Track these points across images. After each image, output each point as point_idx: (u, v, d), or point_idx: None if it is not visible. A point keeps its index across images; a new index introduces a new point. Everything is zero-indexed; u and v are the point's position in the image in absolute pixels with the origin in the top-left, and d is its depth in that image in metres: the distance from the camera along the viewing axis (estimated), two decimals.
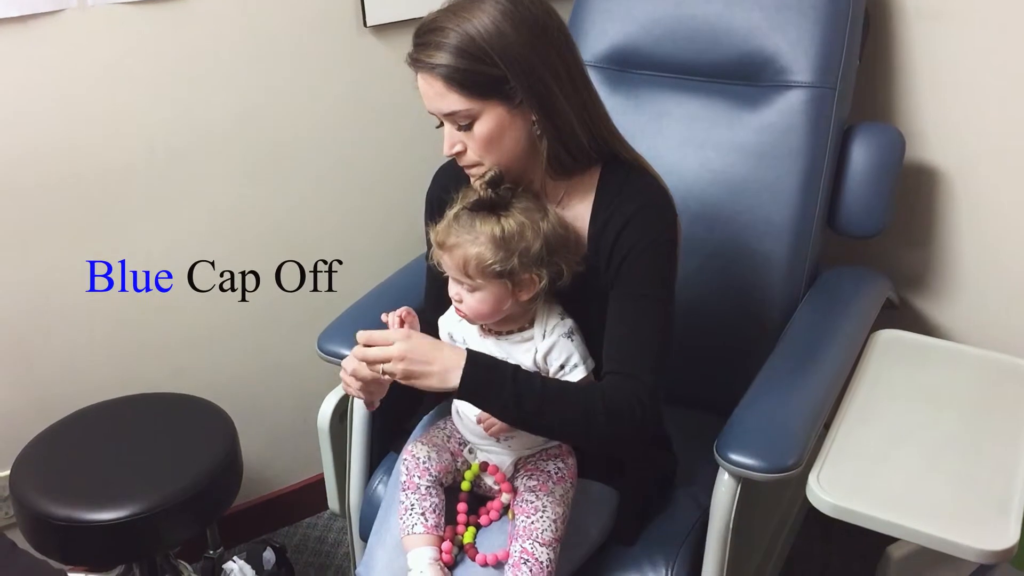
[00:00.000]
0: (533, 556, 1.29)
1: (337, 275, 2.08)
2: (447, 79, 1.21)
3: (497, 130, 1.24)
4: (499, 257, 1.23)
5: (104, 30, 1.69)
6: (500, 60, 1.20)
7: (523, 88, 1.22)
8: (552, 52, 1.24)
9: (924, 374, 1.61)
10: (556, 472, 1.37)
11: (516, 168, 1.30)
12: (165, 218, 1.86)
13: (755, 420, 1.42)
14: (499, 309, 1.29)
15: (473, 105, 1.22)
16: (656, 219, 1.31)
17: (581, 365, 1.31)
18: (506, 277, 1.25)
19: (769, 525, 1.78)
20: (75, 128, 1.73)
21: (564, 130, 1.27)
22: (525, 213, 1.26)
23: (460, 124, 1.25)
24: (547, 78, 1.23)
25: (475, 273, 1.25)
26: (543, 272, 1.26)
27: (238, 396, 2.00)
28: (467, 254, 1.25)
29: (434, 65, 1.21)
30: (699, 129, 1.76)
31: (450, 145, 1.28)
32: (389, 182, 2.09)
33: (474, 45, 1.19)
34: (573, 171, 1.32)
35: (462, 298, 1.30)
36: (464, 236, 1.25)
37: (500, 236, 1.24)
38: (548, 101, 1.24)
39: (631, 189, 1.32)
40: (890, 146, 1.75)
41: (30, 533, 1.65)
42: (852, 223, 1.76)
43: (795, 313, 1.69)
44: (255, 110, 1.89)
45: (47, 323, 1.82)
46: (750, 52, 1.72)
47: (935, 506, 1.33)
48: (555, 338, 1.31)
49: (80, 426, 1.79)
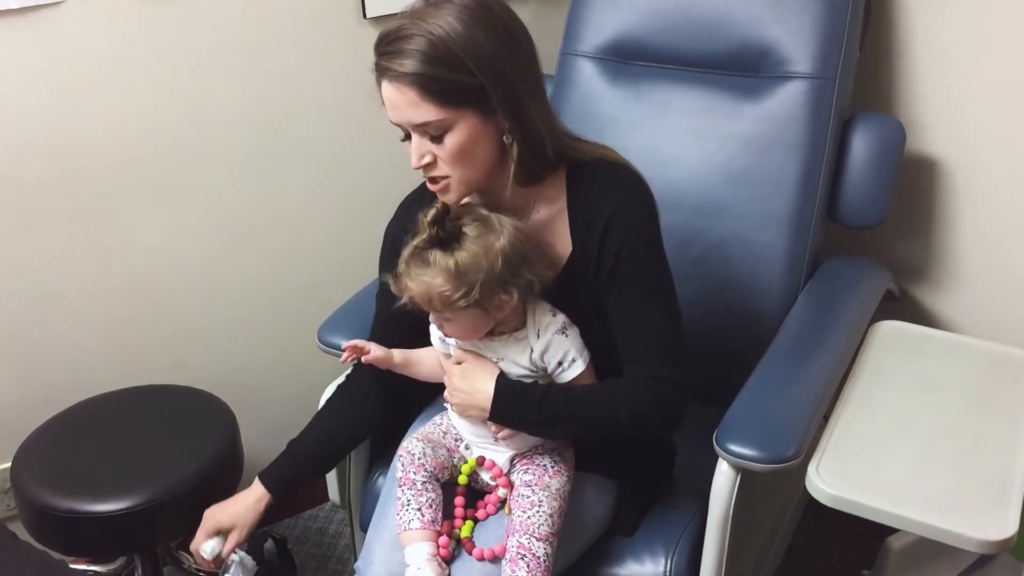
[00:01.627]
0: (530, 551, 1.28)
1: (337, 267, 2.08)
2: (421, 87, 1.17)
3: (470, 141, 1.21)
4: (461, 291, 1.22)
5: (103, 22, 1.69)
6: (475, 67, 1.16)
7: (497, 95, 1.19)
8: (520, 58, 1.22)
9: (924, 365, 1.61)
10: (552, 466, 1.37)
11: (484, 179, 1.28)
12: (165, 210, 1.87)
13: (754, 411, 1.42)
14: (480, 330, 1.30)
15: (447, 115, 1.19)
16: (636, 213, 1.30)
17: (579, 359, 1.31)
18: (475, 307, 1.24)
19: (769, 516, 1.79)
20: (75, 120, 1.73)
21: (533, 136, 1.25)
22: (478, 240, 1.23)
23: (432, 135, 1.21)
24: (518, 84, 1.21)
25: (442, 307, 1.25)
26: (511, 290, 1.25)
27: (239, 388, 2.00)
28: (430, 291, 1.23)
29: (406, 73, 1.17)
30: (699, 120, 1.75)
31: (419, 156, 1.24)
32: (389, 174, 2.08)
33: (447, 51, 1.16)
34: (541, 177, 1.30)
35: (442, 325, 1.31)
36: (423, 275, 1.23)
37: (455, 270, 1.21)
38: (520, 108, 1.22)
39: (603, 185, 1.31)
40: (890, 137, 1.74)
41: (31, 525, 1.65)
42: (852, 214, 1.76)
43: (795, 304, 1.69)
44: (256, 102, 1.89)
45: (48, 316, 1.83)
46: (750, 43, 1.72)
47: (934, 496, 1.33)
48: (549, 336, 1.31)
49: (81, 418, 1.79)
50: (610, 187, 1.31)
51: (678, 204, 1.72)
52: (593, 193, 1.31)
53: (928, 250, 1.93)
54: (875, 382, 1.57)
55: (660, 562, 1.43)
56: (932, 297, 1.95)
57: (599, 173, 1.32)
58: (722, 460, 1.37)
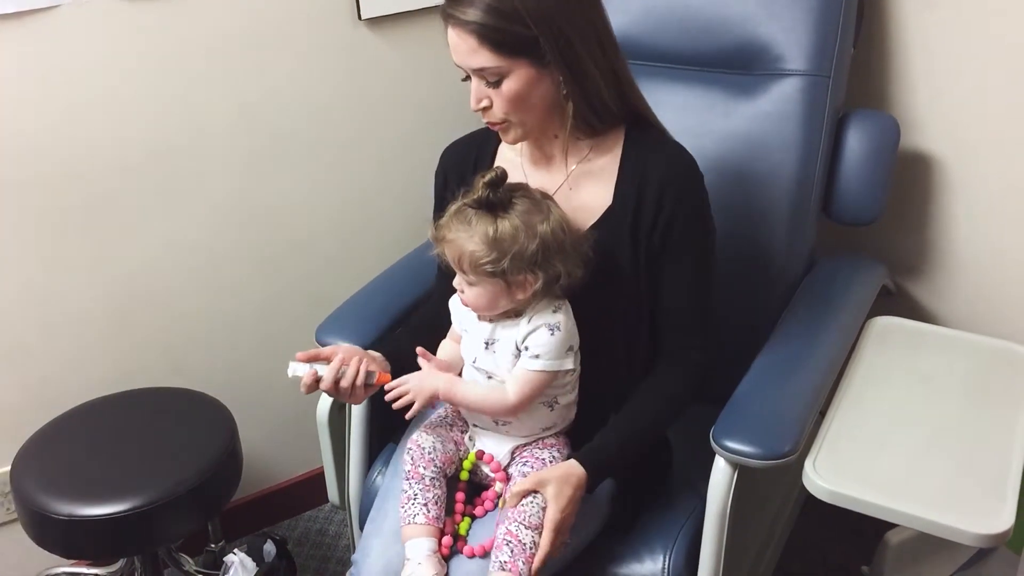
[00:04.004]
0: (516, 538, 1.29)
1: (335, 268, 2.08)
2: (479, 36, 1.23)
3: (525, 89, 1.27)
4: (492, 257, 1.25)
5: (99, 26, 1.69)
6: (531, 20, 1.22)
7: (552, 49, 1.25)
8: (581, 15, 1.27)
9: (920, 360, 1.62)
10: (551, 461, 1.37)
11: (541, 125, 1.34)
12: (162, 212, 1.87)
13: (751, 407, 1.42)
14: (495, 305, 1.31)
15: (503, 63, 1.25)
16: (693, 180, 1.38)
17: (541, 360, 1.31)
18: (499, 277, 1.27)
19: (766, 512, 1.79)
20: (72, 124, 1.73)
21: (591, 91, 1.31)
22: (524, 216, 1.27)
23: (488, 80, 1.28)
24: (575, 41, 1.26)
25: (469, 269, 1.28)
26: (539, 273, 1.28)
27: (237, 390, 2.00)
28: (462, 250, 1.27)
29: (467, 21, 1.23)
30: (694, 118, 1.76)
31: (477, 100, 1.31)
32: (386, 175, 2.10)
33: (507, 4, 1.22)
34: (599, 129, 1.36)
35: (463, 289, 1.33)
36: (461, 232, 1.27)
37: (493, 237, 1.25)
38: (576, 63, 1.27)
39: (665, 150, 1.38)
40: (885, 133, 1.75)
41: (32, 528, 1.65)
42: (848, 210, 1.77)
43: (791, 301, 1.69)
44: (251, 104, 1.89)
45: (46, 319, 1.83)
46: (744, 41, 1.72)
47: (931, 490, 1.33)
48: (535, 327, 1.32)
49: (80, 421, 1.79)
50: (673, 154, 1.38)
51: None
52: (654, 155, 1.37)
53: (923, 246, 1.93)
54: (871, 378, 1.57)
55: (658, 560, 1.44)
56: (927, 292, 1.96)
57: (662, 139, 1.39)
58: (719, 457, 1.37)
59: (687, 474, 1.55)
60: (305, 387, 1.37)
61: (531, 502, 1.31)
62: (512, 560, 1.27)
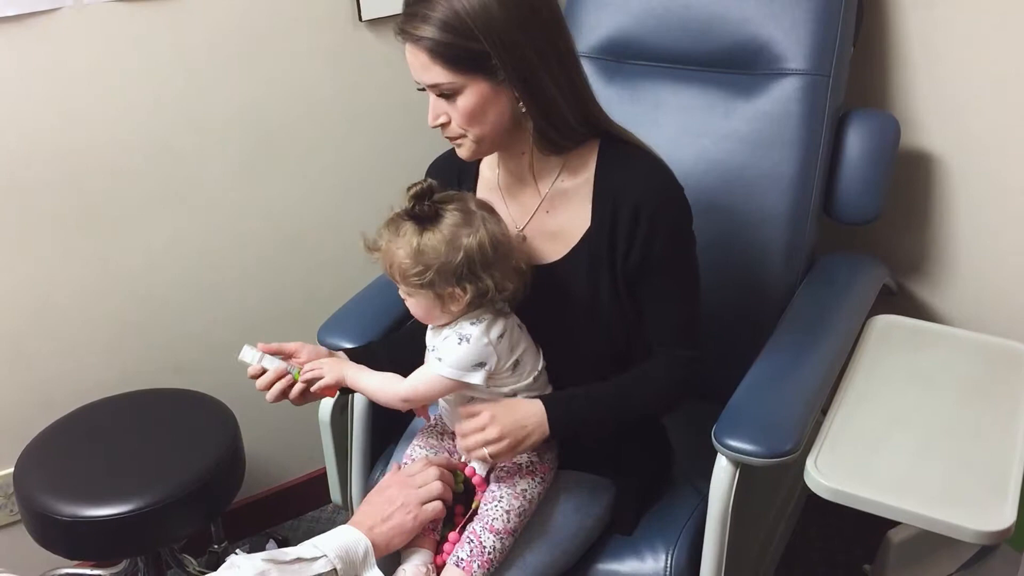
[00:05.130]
0: (478, 539, 1.30)
1: (336, 268, 2.08)
2: (432, 52, 1.22)
3: (479, 105, 1.25)
4: (417, 270, 1.25)
5: (100, 28, 1.69)
6: (483, 37, 1.20)
7: (504, 66, 1.23)
8: (540, 33, 1.24)
9: (921, 358, 1.62)
10: (527, 466, 1.37)
11: (503, 140, 1.32)
12: (164, 213, 1.87)
13: (752, 406, 1.43)
14: (431, 316, 1.32)
15: (456, 79, 1.23)
16: (674, 198, 1.35)
17: (442, 365, 1.29)
18: (428, 288, 1.27)
19: (768, 511, 1.79)
20: (72, 125, 1.73)
21: (548, 109, 1.28)
22: (451, 229, 1.26)
23: (444, 95, 1.26)
24: (532, 58, 1.23)
25: (400, 279, 1.29)
26: (466, 286, 1.27)
27: (240, 390, 1.99)
28: (392, 259, 1.28)
29: (419, 38, 1.22)
30: (694, 119, 1.76)
31: (434, 116, 1.30)
32: (386, 175, 2.10)
33: (459, 20, 1.20)
34: (563, 147, 1.34)
35: (404, 297, 1.33)
36: (391, 242, 1.28)
37: (416, 248, 1.25)
38: (532, 81, 1.25)
39: (638, 167, 1.34)
40: (885, 132, 1.75)
41: (35, 529, 1.66)
42: (848, 210, 1.77)
43: (792, 300, 1.69)
44: (252, 105, 1.89)
45: (48, 321, 1.83)
46: (744, 41, 1.73)
47: (932, 488, 1.33)
48: (448, 334, 1.31)
49: (82, 423, 1.80)
50: (647, 171, 1.34)
51: None
52: (626, 173, 1.33)
53: (924, 245, 1.93)
54: (872, 376, 1.57)
55: (660, 558, 1.44)
56: (928, 291, 1.96)
57: (634, 154, 1.35)
58: (721, 455, 1.37)
59: (689, 472, 1.55)
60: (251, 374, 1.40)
61: (496, 506, 1.32)
62: (468, 560, 1.29)
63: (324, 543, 1.23)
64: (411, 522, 1.29)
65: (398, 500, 1.30)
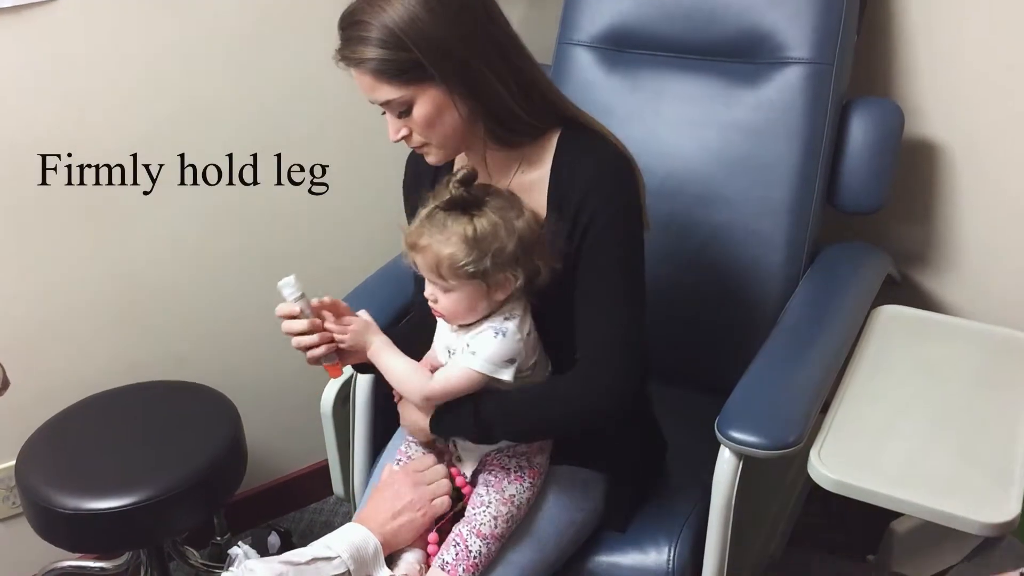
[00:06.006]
0: (464, 542, 1.29)
1: (339, 259, 2.08)
2: (374, 72, 1.20)
3: (435, 112, 1.23)
4: (472, 258, 1.21)
5: (98, 19, 1.68)
6: (414, 45, 1.18)
7: (440, 71, 1.20)
8: (473, 29, 1.22)
9: (925, 349, 1.61)
10: (516, 470, 1.35)
11: (465, 143, 1.30)
12: (166, 204, 1.86)
13: (756, 397, 1.42)
14: (474, 309, 1.27)
15: (405, 92, 1.21)
16: (615, 184, 1.28)
17: (477, 358, 1.26)
18: (480, 277, 1.23)
19: (772, 503, 1.79)
20: (72, 117, 1.73)
21: (495, 107, 1.25)
22: (499, 212, 1.23)
23: (399, 111, 1.24)
24: (468, 57, 1.21)
25: (448, 274, 1.23)
26: (518, 271, 1.24)
27: (241, 383, 2.00)
28: (439, 255, 1.22)
29: (361, 60, 1.20)
30: (697, 108, 1.75)
31: (395, 131, 1.27)
32: (393, 168, 2.08)
33: (391, 35, 1.18)
34: (518, 142, 1.31)
35: (437, 298, 1.28)
36: (436, 236, 1.23)
37: (472, 236, 1.21)
38: (472, 80, 1.22)
39: (589, 154, 1.30)
40: (889, 121, 1.74)
41: (37, 522, 1.66)
42: (852, 199, 1.76)
43: (795, 291, 1.68)
44: (255, 95, 1.88)
45: (50, 313, 1.83)
46: (746, 29, 1.71)
47: (937, 479, 1.33)
48: (484, 328, 1.28)
49: (84, 415, 1.79)
50: (593, 162, 1.29)
51: (677, 193, 1.72)
52: (583, 160, 1.30)
53: (928, 234, 1.92)
54: (876, 367, 1.57)
55: (663, 551, 1.43)
56: (933, 281, 1.95)
57: (588, 146, 1.31)
58: (724, 447, 1.37)
59: (691, 465, 1.54)
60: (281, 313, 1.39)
61: (484, 511, 1.31)
62: (454, 564, 1.28)
63: (336, 543, 1.23)
64: (421, 519, 1.29)
65: (407, 496, 1.29)
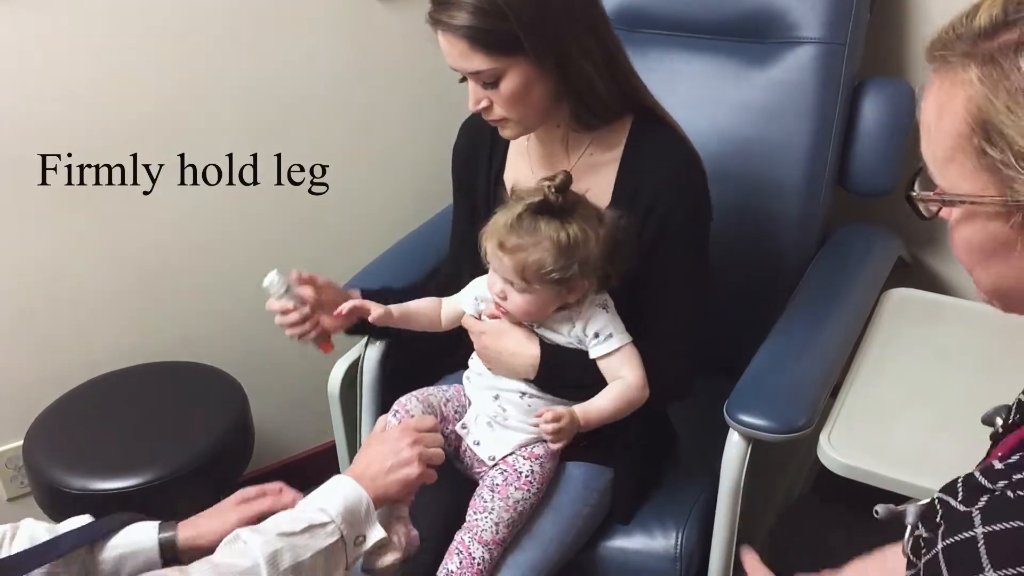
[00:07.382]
0: (467, 550, 1.29)
1: (347, 239, 2.07)
2: (470, 39, 1.19)
3: (523, 87, 1.23)
4: (560, 265, 1.21)
5: (103, 3, 1.67)
6: (515, 20, 1.17)
7: (535, 46, 1.20)
8: (572, 8, 1.22)
9: (936, 332, 1.60)
10: (527, 474, 1.33)
11: (543, 120, 1.30)
12: (173, 185, 1.86)
13: (765, 381, 1.41)
14: (546, 311, 1.29)
15: (497, 64, 1.20)
16: (690, 184, 1.32)
17: (615, 336, 1.30)
18: (561, 284, 1.24)
19: (780, 486, 1.78)
20: (73, 117, 1.72)
21: (585, 89, 1.26)
22: (585, 220, 1.24)
23: (485, 82, 1.23)
24: (563, 33, 1.21)
25: (533, 278, 1.23)
26: (594, 279, 1.27)
27: (248, 363, 2.00)
28: (528, 259, 1.22)
29: (456, 26, 1.18)
30: (708, 88, 1.74)
31: (475, 101, 1.26)
32: (403, 148, 2.08)
33: (492, 3, 1.17)
34: (598, 124, 1.32)
35: (507, 296, 1.28)
36: (527, 239, 1.22)
37: (565, 243, 1.21)
38: (566, 59, 1.22)
39: (665, 151, 1.32)
40: (901, 102, 1.72)
41: (45, 502, 1.66)
42: (863, 181, 1.74)
43: (806, 273, 1.67)
44: (264, 78, 1.87)
45: (57, 295, 1.83)
46: (758, 8, 1.69)
47: (947, 464, 1.31)
48: (592, 310, 1.31)
49: (92, 396, 1.80)
50: (668, 161, 1.32)
51: None
52: (654, 156, 1.32)
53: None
54: (887, 350, 1.55)
55: (671, 535, 1.43)
56: (944, 264, 1.94)
57: (665, 139, 1.33)
58: (733, 431, 1.36)
59: (700, 448, 1.54)
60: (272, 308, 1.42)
61: (486, 517, 1.30)
62: (459, 573, 1.28)
63: (329, 504, 1.22)
64: (416, 479, 1.28)
65: (404, 453, 1.28)
